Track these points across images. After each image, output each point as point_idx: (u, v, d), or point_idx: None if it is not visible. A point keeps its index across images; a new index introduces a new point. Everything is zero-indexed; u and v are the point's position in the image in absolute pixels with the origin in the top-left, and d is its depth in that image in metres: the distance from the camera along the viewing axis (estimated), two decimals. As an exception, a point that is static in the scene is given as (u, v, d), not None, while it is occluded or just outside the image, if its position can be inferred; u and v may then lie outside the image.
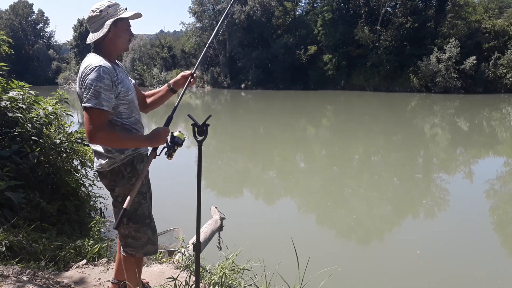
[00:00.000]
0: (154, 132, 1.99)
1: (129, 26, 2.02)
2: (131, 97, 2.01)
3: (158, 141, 1.97)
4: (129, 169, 2.02)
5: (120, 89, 1.92)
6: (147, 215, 2.10)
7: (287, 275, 2.31)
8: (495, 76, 29.60)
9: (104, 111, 1.82)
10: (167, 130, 2.01)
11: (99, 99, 1.80)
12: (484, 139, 13.43)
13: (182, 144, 2.07)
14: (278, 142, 13.33)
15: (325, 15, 36.98)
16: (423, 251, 4.87)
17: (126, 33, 1.99)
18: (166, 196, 7.03)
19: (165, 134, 1.98)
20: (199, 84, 44.88)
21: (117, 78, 1.91)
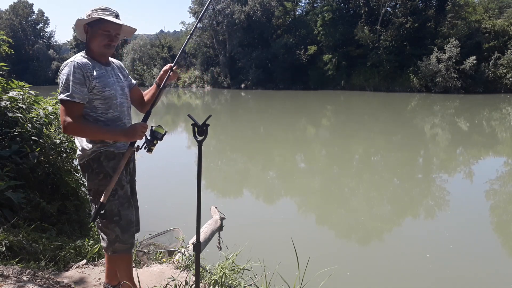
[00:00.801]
0: (130, 126, 2.04)
1: (108, 31, 2.03)
2: (108, 93, 2.05)
3: (133, 136, 2.00)
4: (95, 164, 2.07)
5: (94, 84, 1.99)
6: (116, 212, 2.08)
7: (287, 275, 2.31)
8: (495, 76, 29.61)
9: (76, 103, 1.92)
10: (145, 126, 2.03)
11: (70, 91, 1.90)
12: (484, 139, 13.42)
13: (162, 138, 2.09)
14: (278, 142, 13.33)
15: (325, 15, 37.00)
16: (422, 251, 4.87)
17: (102, 36, 2.03)
18: (166, 196, 7.04)
19: (142, 129, 2.01)
20: (199, 84, 44.91)
21: (92, 74, 1.99)
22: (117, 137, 2.03)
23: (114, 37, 2.07)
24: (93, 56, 2.08)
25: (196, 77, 45.66)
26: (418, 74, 31.45)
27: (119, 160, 2.08)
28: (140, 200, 2.40)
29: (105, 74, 2.08)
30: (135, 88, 2.33)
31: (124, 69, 2.34)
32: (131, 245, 2.16)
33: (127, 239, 2.12)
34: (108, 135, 2.03)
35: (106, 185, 2.02)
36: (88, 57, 2.05)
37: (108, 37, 2.04)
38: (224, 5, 41.96)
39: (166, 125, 19.52)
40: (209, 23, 43.16)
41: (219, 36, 42.98)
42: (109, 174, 2.05)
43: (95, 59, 2.08)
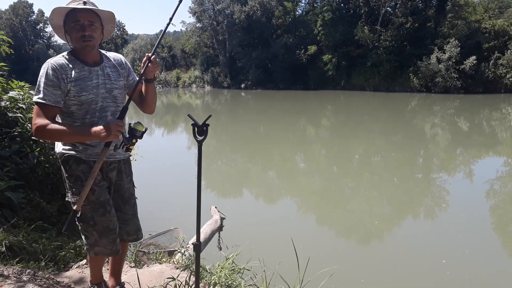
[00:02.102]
0: (104, 125, 1.83)
1: (78, 21, 1.84)
2: (85, 98, 1.89)
3: (108, 135, 1.79)
4: (67, 167, 1.98)
5: (70, 87, 1.85)
6: (90, 217, 1.97)
7: (287, 275, 2.31)
8: (495, 76, 29.62)
9: (47, 105, 1.81)
10: (120, 123, 1.82)
11: (42, 93, 1.81)
12: (484, 139, 13.42)
13: (142, 136, 1.95)
14: (278, 142, 13.33)
15: (325, 15, 37.00)
16: (422, 251, 4.88)
17: (74, 29, 1.86)
18: (166, 196, 7.04)
19: (117, 127, 1.80)
20: (199, 84, 44.91)
21: (68, 76, 1.85)
22: (89, 137, 1.83)
23: (87, 27, 1.85)
24: (77, 55, 1.93)
25: (196, 77, 45.66)
26: (418, 74, 31.46)
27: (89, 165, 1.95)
28: (140, 200, 2.39)
29: (86, 77, 1.91)
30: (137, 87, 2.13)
31: (124, 66, 2.13)
32: (114, 252, 2.06)
33: (106, 245, 2.01)
34: (79, 137, 1.85)
35: (79, 189, 1.92)
36: (71, 57, 1.91)
37: (80, 27, 1.85)
38: (224, 5, 41.98)
39: (166, 125, 19.55)
40: (209, 23, 43.16)
41: (219, 36, 42.98)
42: (80, 177, 1.93)
43: (79, 58, 1.93)
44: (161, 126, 19.50)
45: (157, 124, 19.88)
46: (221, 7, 41.94)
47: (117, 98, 2.03)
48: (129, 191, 2.18)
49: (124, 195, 2.16)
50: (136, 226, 2.22)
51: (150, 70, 1.99)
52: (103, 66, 2.00)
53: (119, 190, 2.12)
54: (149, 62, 1.95)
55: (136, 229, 2.22)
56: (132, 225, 2.19)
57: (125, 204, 2.16)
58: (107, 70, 2.01)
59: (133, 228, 2.20)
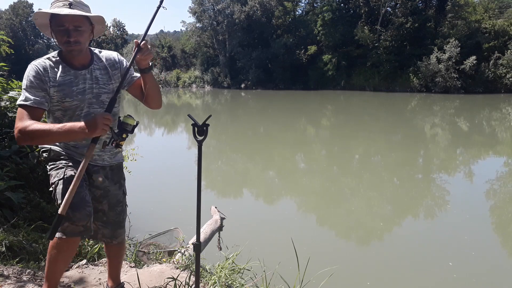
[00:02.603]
0: (89, 119, 1.67)
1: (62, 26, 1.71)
2: (69, 104, 1.79)
3: (94, 130, 1.64)
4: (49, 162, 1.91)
5: (53, 92, 1.75)
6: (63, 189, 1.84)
7: (287, 275, 2.31)
8: (495, 76, 29.62)
9: (30, 107, 1.70)
10: (107, 116, 1.67)
11: (24, 95, 1.71)
12: (484, 139, 13.42)
13: (133, 131, 1.80)
14: (278, 142, 13.33)
15: (325, 15, 37.00)
16: (422, 251, 4.88)
17: (58, 34, 1.74)
18: (166, 196, 7.04)
19: (104, 121, 1.65)
20: (199, 84, 44.91)
21: (51, 79, 1.75)
22: (75, 134, 1.67)
23: (72, 31, 1.71)
24: (64, 57, 1.82)
25: (196, 77, 45.66)
26: (418, 74, 31.46)
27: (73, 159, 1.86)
28: (141, 200, 2.39)
29: (71, 81, 1.80)
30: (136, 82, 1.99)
31: (117, 66, 1.97)
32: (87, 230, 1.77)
33: (79, 219, 1.72)
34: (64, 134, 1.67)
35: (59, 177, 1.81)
36: (57, 59, 1.80)
37: (65, 32, 1.72)
38: (224, 5, 41.97)
39: (166, 125, 19.55)
40: (209, 23, 43.16)
41: (219, 36, 42.98)
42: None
43: (65, 61, 1.81)
44: (161, 126, 19.50)
45: (157, 124, 19.89)
46: (221, 7, 41.93)
47: (105, 103, 1.88)
48: (116, 198, 2.06)
49: (111, 201, 2.04)
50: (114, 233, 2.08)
51: (141, 58, 1.81)
52: (92, 69, 1.87)
53: (106, 196, 2.00)
54: (138, 50, 1.78)
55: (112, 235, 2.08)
56: (111, 229, 2.07)
57: (110, 210, 2.04)
58: (96, 73, 1.88)
59: (110, 232, 2.07)
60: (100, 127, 1.65)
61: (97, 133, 1.65)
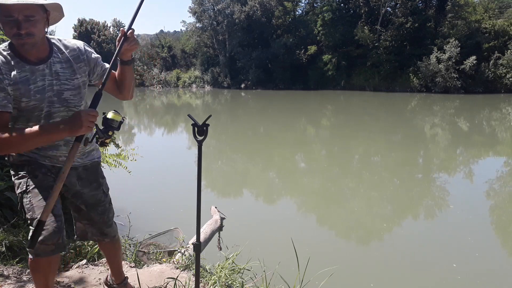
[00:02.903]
0: (72, 116, 1.52)
1: (11, 16, 1.45)
2: (25, 105, 1.58)
3: (78, 128, 1.49)
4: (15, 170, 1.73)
5: (10, 91, 1.53)
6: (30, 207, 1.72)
7: (287, 275, 2.31)
8: (495, 76, 29.63)
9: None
10: (92, 113, 1.51)
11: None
12: (484, 139, 13.43)
13: (120, 127, 1.67)
14: (278, 142, 13.33)
15: (325, 15, 37.00)
16: (422, 251, 4.87)
17: (6, 25, 1.48)
18: (166, 196, 7.03)
19: (89, 118, 1.49)
20: (199, 84, 44.91)
21: (5, 77, 1.51)
22: (57, 134, 1.53)
23: (23, 22, 1.46)
24: (16, 51, 1.56)
25: (196, 77, 45.66)
26: (418, 74, 31.47)
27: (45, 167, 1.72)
28: (141, 200, 2.39)
29: (28, 78, 1.57)
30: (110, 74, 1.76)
31: (83, 58, 1.73)
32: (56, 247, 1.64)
33: (47, 238, 1.60)
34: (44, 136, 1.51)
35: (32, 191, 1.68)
36: (9, 52, 1.56)
37: (14, 23, 1.46)
38: (224, 5, 41.97)
39: (166, 125, 19.55)
40: (209, 23, 43.16)
41: (219, 36, 42.97)
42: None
43: (19, 55, 1.56)
44: (161, 126, 19.50)
45: (157, 124, 19.89)
46: (221, 7, 41.92)
47: (69, 102, 1.68)
48: (94, 198, 1.92)
49: (88, 201, 1.91)
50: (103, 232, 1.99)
51: (127, 49, 1.64)
52: (51, 62, 1.63)
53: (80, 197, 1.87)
54: (124, 40, 1.60)
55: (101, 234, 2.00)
56: (97, 229, 1.98)
57: (90, 210, 1.92)
58: (56, 67, 1.64)
59: (98, 231, 1.99)
60: (85, 125, 1.49)
61: (82, 131, 1.50)
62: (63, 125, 1.51)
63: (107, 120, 1.63)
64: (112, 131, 1.64)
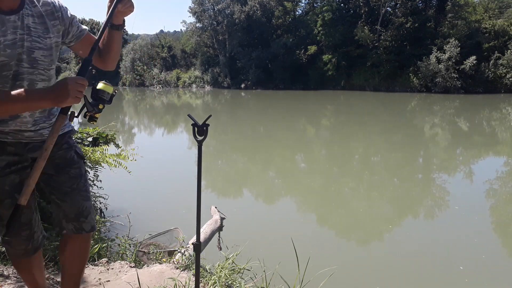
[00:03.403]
0: (57, 84, 1.29)
1: None
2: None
3: (64, 98, 1.27)
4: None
5: None
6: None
7: (287, 275, 2.31)
8: (495, 76, 29.64)
9: None
10: (81, 82, 1.29)
11: None
12: (484, 139, 13.43)
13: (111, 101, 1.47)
14: (278, 142, 13.33)
15: (325, 15, 37.02)
16: (422, 251, 4.87)
17: None
18: (166, 196, 7.03)
19: (77, 87, 1.27)
20: (199, 84, 44.91)
21: None
22: (37, 103, 1.31)
23: None
24: None
25: (196, 77, 45.67)
26: (418, 74, 31.48)
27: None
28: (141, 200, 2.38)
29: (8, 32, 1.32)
30: (85, 38, 1.57)
31: (57, 15, 1.47)
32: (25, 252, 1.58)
33: (15, 244, 1.55)
34: (21, 104, 1.28)
35: None
36: None
37: None
38: (224, 5, 41.98)
39: (166, 125, 19.55)
40: (209, 23, 43.16)
41: (219, 36, 42.98)
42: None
43: None
44: (161, 126, 19.50)
45: (157, 124, 19.90)
46: (221, 7, 41.94)
47: (39, 63, 1.42)
48: (64, 158, 1.59)
49: (56, 162, 1.55)
50: (79, 208, 1.59)
51: (121, 11, 1.45)
52: (23, 14, 1.37)
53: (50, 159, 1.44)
54: (119, 1, 1.41)
55: (78, 212, 1.59)
56: (71, 204, 1.58)
57: (59, 174, 1.56)
58: (28, 21, 1.38)
59: (73, 209, 1.58)
60: (72, 95, 1.26)
61: (68, 102, 1.28)
62: (46, 93, 1.29)
63: (97, 91, 1.43)
64: (103, 104, 1.44)
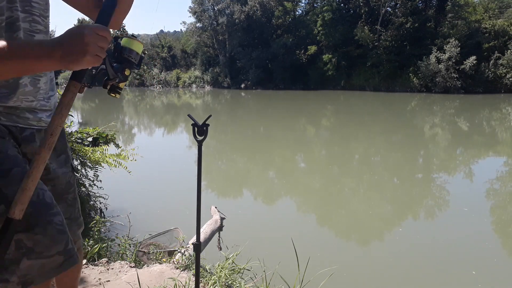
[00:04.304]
0: (69, 36, 0.85)
1: None
2: None
3: (80, 56, 0.84)
4: None
5: None
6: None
7: (287, 275, 2.31)
8: (495, 76, 29.65)
9: None
10: (103, 33, 0.87)
11: None
12: (484, 139, 13.42)
13: (140, 64, 1.06)
14: (278, 142, 13.33)
15: (325, 15, 37.04)
16: (422, 251, 4.87)
17: None
18: (166, 196, 7.03)
19: (98, 41, 0.86)
20: (199, 84, 44.92)
21: None
22: (39, 62, 0.86)
23: None
24: None
25: (196, 77, 45.67)
26: (418, 74, 31.50)
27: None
28: (141, 200, 2.38)
29: None
30: None
31: None
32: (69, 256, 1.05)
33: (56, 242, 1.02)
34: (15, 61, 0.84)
35: None
36: None
37: None
38: (224, 5, 41.99)
39: (166, 125, 19.55)
40: (209, 23, 43.16)
41: (219, 36, 42.99)
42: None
43: None
44: (161, 126, 19.50)
45: (157, 124, 19.89)
46: (221, 7, 41.95)
47: (33, 6, 1.07)
48: (64, 179, 1.24)
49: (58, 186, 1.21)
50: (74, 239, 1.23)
51: None
52: None
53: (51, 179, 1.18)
54: None
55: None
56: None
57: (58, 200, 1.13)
58: None
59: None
60: (91, 52, 0.85)
61: (83, 63, 0.86)
62: (52, 47, 0.84)
63: (122, 50, 1.02)
64: (130, 68, 1.02)
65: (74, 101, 0.95)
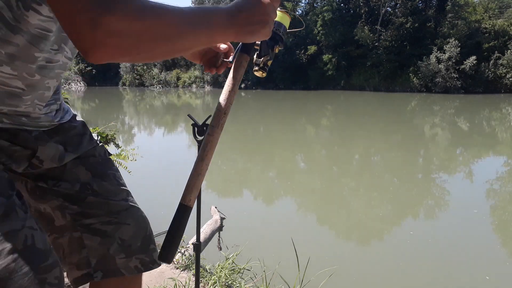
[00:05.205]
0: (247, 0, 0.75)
1: None
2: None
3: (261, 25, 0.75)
4: None
5: None
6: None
7: (287, 275, 2.31)
8: (495, 76, 29.66)
9: None
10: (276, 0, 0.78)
11: None
12: (484, 139, 13.42)
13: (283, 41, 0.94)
14: (278, 142, 13.33)
15: (325, 15, 37.05)
16: (422, 251, 4.87)
17: None
18: (166, 196, 7.03)
19: (273, 10, 0.77)
20: (199, 84, 44.92)
21: None
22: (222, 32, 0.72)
23: None
24: None
25: (196, 77, 45.66)
26: (418, 74, 31.51)
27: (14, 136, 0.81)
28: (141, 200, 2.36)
29: None
30: None
31: None
32: None
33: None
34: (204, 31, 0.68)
35: None
36: None
37: None
38: (224, 5, 42.02)
39: (166, 125, 19.56)
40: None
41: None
42: None
43: None
44: (161, 126, 19.50)
45: (157, 124, 19.89)
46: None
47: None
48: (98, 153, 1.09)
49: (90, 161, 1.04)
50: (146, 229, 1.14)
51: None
52: None
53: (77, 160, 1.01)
54: None
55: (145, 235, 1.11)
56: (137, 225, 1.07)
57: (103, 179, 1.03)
58: None
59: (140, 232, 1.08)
60: (271, 23, 0.77)
61: (261, 35, 0.77)
62: (232, 14, 0.73)
63: (276, 25, 0.90)
64: (279, 45, 0.92)
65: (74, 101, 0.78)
